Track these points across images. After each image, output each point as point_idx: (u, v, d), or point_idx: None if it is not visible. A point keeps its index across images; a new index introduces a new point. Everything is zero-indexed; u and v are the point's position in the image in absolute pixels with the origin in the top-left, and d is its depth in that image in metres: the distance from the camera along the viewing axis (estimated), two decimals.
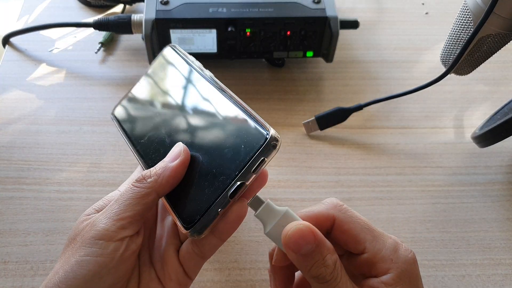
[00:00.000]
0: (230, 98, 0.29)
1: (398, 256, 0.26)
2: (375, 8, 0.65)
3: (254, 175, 0.26)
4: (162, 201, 0.29)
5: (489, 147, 0.45)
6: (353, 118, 0.50)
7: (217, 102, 0.30)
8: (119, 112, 0.35)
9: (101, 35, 0.57)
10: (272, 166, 0.46)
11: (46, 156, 0.46)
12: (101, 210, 0.29)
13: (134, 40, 0.58)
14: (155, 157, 0.31)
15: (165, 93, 0.33)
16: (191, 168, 0.29)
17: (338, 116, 0.49)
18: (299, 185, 0.45)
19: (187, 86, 0.32)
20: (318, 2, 0.50)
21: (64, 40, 0.58)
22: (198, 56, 0.52)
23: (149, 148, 0.32)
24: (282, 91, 0.54)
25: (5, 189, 0.43)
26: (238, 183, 0.26)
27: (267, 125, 0.27)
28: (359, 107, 0.49)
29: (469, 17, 0.39)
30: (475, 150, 0.48)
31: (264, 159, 0.26)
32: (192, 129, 0.30)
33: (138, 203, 0.27)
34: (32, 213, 0.41)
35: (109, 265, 0.26)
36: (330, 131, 0.50)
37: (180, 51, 0.35)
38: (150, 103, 0.34)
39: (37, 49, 0.57)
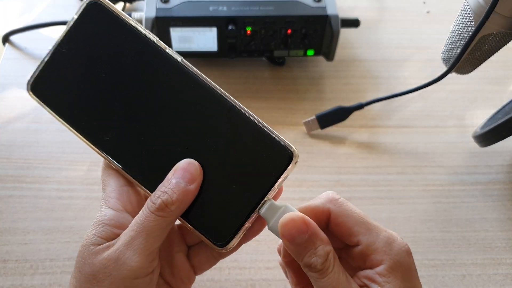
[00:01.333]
0: (229, 99, 0.28)
1: (392, 248, 0.26)
2: (376, 7, 0.65)
3: (276, 190, 0.27)
4: (180, 221, 0.28)
5: (490, 146, 0.45)
6: (354, 117, 0.50)
7: (216, 106, 0.28)
8: (44, 91, 0.29)
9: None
10: None
11: (46, 154, 0.46)
12: (108, 238, 0.27)
13: None
14: (144, 157, 0.28)
15: (121, 76, 0.28)
16: (207, 184, 0.28)
17: (339, 115, 0.48)
18: (300, 184, 0.45)
19: (156, 74, 0.28)
20: (319, 1, 0.50)
21: None
22: (199, 54, 0.52)
23: (126, 150, 0.28)
24: (283, 90, 0.54)
25: (5, 187, 0.43)
26: (270, 201, 0.27)
27: (287, 142, 0.28)
28: (360, 106, 0.49)
29: (470, 16, 0.39)
30: (476, 149, 0.48)
31: (287, 176, 0.27)
32: (192, 136, 0.28)
33: (164, 233, 0.26)
34: (32, 211, 0.41)
35: None
36: (331, 130, 0.50)
37: (116, 10, 0.28)
38: (97, 87, 0.28)
39: (37, 47, 0.57)
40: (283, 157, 0.27)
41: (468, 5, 0.39)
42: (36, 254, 0.39)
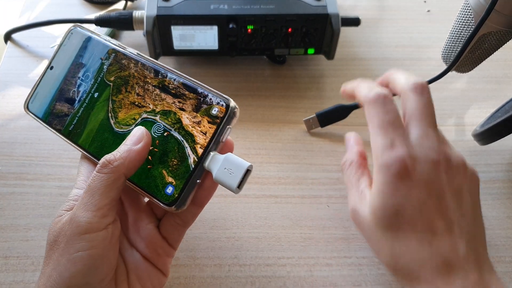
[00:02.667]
0: (174, 72, 0.31)
1: (382, 155, 0.31)
2: (377, 6, 0.65)
3: (222, 144, 0.30)
4: (131, 186, 0.31)
5: (489, 145, 0.45)
6: (354, 115, 0.50)
7: (156, 78, 0.32)
8: (36, 106, 0.35)
9: (102, 32, 0.57)
10: (273, 163, 0.46)
11: (48, 151, 0.46)
12: (71, 209, 0.29)
13: (135, 36, 0.58)
14: (107, 146, 0.32)
15: (88, 78, 0.34)
16: (156, 148, 0.30)
17: (339, 113, 0.49)
18: (300, 182, 0.45)
19: (113, 66, 0.33)
20: None
21: None
22: (199, 53, 0.52)
23: (96, 139, 0.32)
24: (283, 88, 0.54)
25: (7, 184, 0.43)
26: (212, 153, 0.29)
27: (225, 96, 0.30)
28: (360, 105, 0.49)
29: (471, 15, 0.39)
30: (476, 147, 0.48)
31: (229, 127, 0.29)
32: (137, 109, 0.32)
33: (111, 189, 0.28)
34: (34, 208, 0.42)
35: (101, 255, 0.27)
36: (331, 128, 0.50)
37: (89, 30, 0.35)
38: (72, 91, 0.34)
39: (39, 45, 0.57)
40: (220, 110, 0.29)
41: (468, 4, 0.40)
42: (37, 251, 0.39)
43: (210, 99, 0.30)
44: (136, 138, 0.29)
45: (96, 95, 0.33)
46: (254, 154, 0.47)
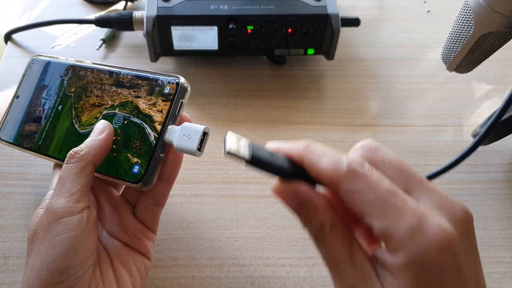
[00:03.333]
0: (126, 69, 0.34)
1: (414, 240, 0.20)
2: (377, 6, 0.65)
3: (179, 117, 0.32)
4: (100, 177, 0.32)
5: (489, 145, 0.45)
6: (353, 115, 0.50)
7: (111, 77, 0.34)
8: (7, 133, 0.38)
9: (102, 32, 0.57)
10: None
11: None
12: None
13: (135, 37, 0.58)
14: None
15: (51, 95, 0.37)
16: (119, 136, 0.32)
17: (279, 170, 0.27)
18: None
19: (72, 80, 0.36)
20: (320, 0, 0.50)
21: (66, 37, 0.58)
22: (199, 53, 0.52)
23: (63, 145, 0.35)
24: (283, 88, 0.54)
25: (7, 184, 0.43)
26: (170, 127, 0.31)
27: (174, 74, 0.32)
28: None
29: (470, 15, 0.39)
30: None
31: (182, 101, 0.32)
32: (98, 109, 0.34)
33: (81, 176, 0.29)
34: (33, 208, 0.42)
35: (80, 236, 0.28)
36: (330, 128, 0.50)
37: (48, 56, 0.39)
38: (37, 111, 0.37)
39: (39, 45, 0.57)
40: (171, 87, 0.32)
41: (468, 4, 0.40)
42: None
43: (161, 81, 0.32)
44: (98, 130, 0.31)
45: (59, 107, 0.36)
46: None
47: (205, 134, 0.30)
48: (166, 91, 0.32)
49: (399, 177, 0.22)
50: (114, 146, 0.32)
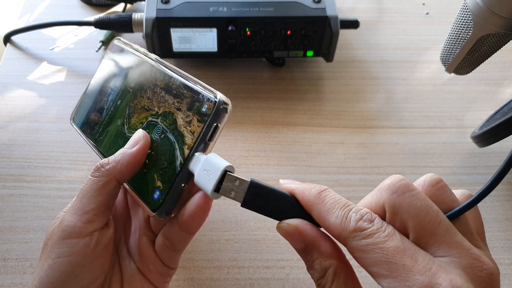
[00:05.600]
0: (175, 72, 0.30)
1: None
2: (376, 8, 0.65)
3: (211, 143, 0.27)
4: (128, 190, 0.30)
5: (488, 147, 0.45)
6: (353, 117, 0.50)
7: (164, 80, 0.30)
8: (77, 118, 0.37)
9: (102, 34, 0.58)
10: (272, 165, 0.46)
11: (47, 154, 0.46)
12: None
13: (135, 38, 0.58)
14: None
15: (116, 86, 0.34)
16: (153, 151, 0.29)
17: (275, 204, 0.28)
18: None
19: (134, 74, 0.33)
20: (319, 2, 0.50)
21: (65, 39, 0.58)
22: (199, 55, 0.52)
23: (111, 145, 0.32)
24: (282, 90, 0.54)
25: (5, 186, 0.43)
26: (196, 154, 0.26)
27: (213, 90, 0.27)
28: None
29: (469, 17, 0.39)
30: (475, 149, 0.48)
31: (217, 125, 0.26)
32: (145, 113, 0.31)
33: (100, 193, 0.26)
34: (32, 210, 0.42)
35: (82, 263, 0.26)
36: (329, 130, 0.50)
37: (125, 42, 0.36)
38: (103, 100, 0.35)
39: (38, 47, 0.57)
40: (206, 106, 0.26)
41: (466, 6, 0.40)
42: (36, 253, 0.39)
43: (202, 95, 0.27)
44: (133, 141, 0.28)
45: (119, 102, 0.33)
46: (253, 156, 0.47)
47: (225, 173, 0.25)
48: (203, 109, 0.27)
49: (421, 228, 0.21)
50: (147, 160, 0.29)
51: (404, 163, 0.47)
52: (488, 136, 0.43)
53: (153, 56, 0.32)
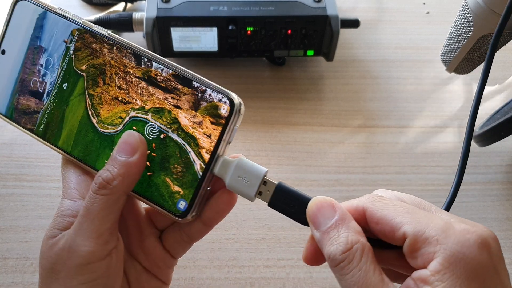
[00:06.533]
0: (158, 60, 0.27)
1: (447, 236, 0.20)
2: (376, 8, 0.65)
3: (228, 145, 0.26)
4: (135, 197, 0.28)
5: (489, 146, 0.45)
6: (353, 116, 0.50)
7: (139, 67, 0.27)
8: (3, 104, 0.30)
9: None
10: (272, 165, 0.46)
11: (47, 153, 0.46)
12: (65, 229, 0.26)
13: (135, 38, 0.58)
14: (94, 150, 0.28)
15: (52, 65, 0.29)
16: (154, 152, 0.27)
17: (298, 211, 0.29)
18: (299, 184, 0.45)
19: (81, 52, 0.28)
20: (319, 1, 0.50)
21: None
22: (199, 54, 0.52)
23: (78, 142, 0.28)
24: (283, 89, 0.54)
25: (6, 185, 0.43)
26: (221, 158, 0.26)
27: (227, 91, 0.26)
28: None
29: (470, 17, 0.39)
30: (475, 149, 0.48)
31: (236, 128, 0.26)
32: (123, 106, 0.27)
33: (112, 212, 0.25)
34: (33, 209, 0.42)
35: (107, 283, 0.25)
36: (330, 130, 0.50)
37: (41, 2, 0.29)
38: (35, 81, 0.29)
39: None
40: (223, 109, 0.26)
41: (467, 6, 0.40)
42: (36, 252, 0.39)
43: (210, 95, 0.26)
44: (130, 148, 0.25)
45: (64, 86, 0.28)
46: (253, 156, 0.47)
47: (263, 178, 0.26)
48: (218, 111, 0.26)
49: (416, 204, 0.24)
50: (147, 162, 0.27)
51: (404, 163, 0.47)
52: (488, 135, 0.43)
53: (102, 29, 0.28)
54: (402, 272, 0.24)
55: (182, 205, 0.26)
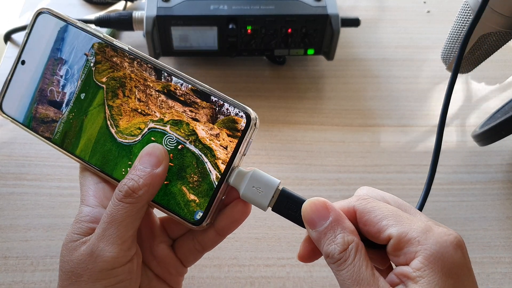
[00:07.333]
0: (178, 75, 0.28)
1: (428, 237, 0.22)
2: (377, 6, 0.65)
3: (243, 157, 0.28)
4: (152, 206, 0.29)
5: (489, 145, 0.45)
6: (354, 116, 0.50)
7: (159, 81, 0.28)
8: (12, 108, 0.30)
9: (102, 32, 0.57)
10: (272, 164, 0.46)
11: (47, 152, 0.46)
12: (86, 234, 0.27)
13: (135, 37, 0.58)
14: (111, 159, 0.29)
15: (72, 76, 0.30)
16: (171, 162, 0.28)
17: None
18: (299, 183, 0.45)
19: (102, 65, 0.29)
20: (320, 0, 0.50)
21: None
22: (199, 53, 0.52)
23: (96, 150, 0.29)
24: (283, 88, 0.54)
25: (6, 184, 0.43)
26: (236, 170, 0.27)
27: (244, 105, 0.27)
28: None
29: (470, 15, 0.39)
30: (476, 148, 0.48)
31: (251, 141, 0.27)
32: (142, 118, 0.29)
33: (136, 219, 0.26)
34: (33, 208, 0.42)
35: (129, 287, 0.26)
36: (330, 129, 0.50)
37: (63, 16, 0.30)
38: (54, 92, 0.30)
39: None
40: (241, 123, 0.27)
41: (467, 4, 0.40)
42: (36, 251, 0.39)
43: (227, 109, 0.27)
44: (156, 160, 0.26)
45: (82, 96, 0.29)
46: (253, 155, 0.47)
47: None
48: (235, 125, 0.27)
49: (398, 206, 0.26)
50: None
51: (404, 162, 0.47)
52: (489, 134, 0.43)
53: (123, 44, 0.29)
54: (379, 268, 0.26)
55: (197, 213, 0.28)
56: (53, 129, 0.30)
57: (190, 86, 0.28)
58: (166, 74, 0.28)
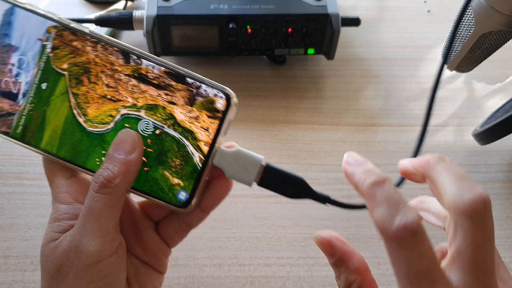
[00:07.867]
0: (147, 57, 0.27)
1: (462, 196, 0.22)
2: (377, 6, 0.65)
3: (224, 136, 0.28)
4: (134, 193, 0.28)
5: (489, 145, 0.45)
6: (354, 115, 0.50)
7: (128, 65, 0.27)
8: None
9: (102, 31, 0.57)
10: (273, 163, 0.46)
11: None
12: (65, 231, 0.26)
13: (135, 36, 0.58)
14: (82, 150, 0.27)
15: (26, 64, 0.27)
16: (150, 148, 0.27)
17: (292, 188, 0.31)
18: None
19: (60, 50, 0.27)
20: None
21: None
22: (200, 52, 0.52)
23: (64, 142, 0.28)
24: (283, 88, 0.54)
25: (6, 184, 0.43)
26: (219, 150, 0.27)
27: (221, 85, 0.27)
28: None
29: (471, 15, 0.39)
30: (476, 147, 0.48)
31: (231, 119, 0.27)
32: (112, 104, 0.27)
33: (116, 209, 0.25)
34: (33, 208, 0.42)
35: (116, 279, 0.26)
36: (330, 128, 0.50)
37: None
38: (7, 82, 0.28)
39: None
40: (220, 103, 0.27)
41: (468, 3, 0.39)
42: (37, 250, 0.39)
43: (205, 90, 0.27)
44: (129, 146, 0.26)
45: (43, 86, 0.27)
46: None
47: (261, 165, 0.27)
48: (215, 105, 0.27)
49: (462, 253, 0.23)
50: (144, 158, 0.27)
51: None
52: (489, 134, 0.43)
53: (82, 26, 0.27)
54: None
55: (183, 196, 0.27)
56: (10, 123, 0.28)
57: (163, 68, 0.27)
58: (135, 57, 0.27)
